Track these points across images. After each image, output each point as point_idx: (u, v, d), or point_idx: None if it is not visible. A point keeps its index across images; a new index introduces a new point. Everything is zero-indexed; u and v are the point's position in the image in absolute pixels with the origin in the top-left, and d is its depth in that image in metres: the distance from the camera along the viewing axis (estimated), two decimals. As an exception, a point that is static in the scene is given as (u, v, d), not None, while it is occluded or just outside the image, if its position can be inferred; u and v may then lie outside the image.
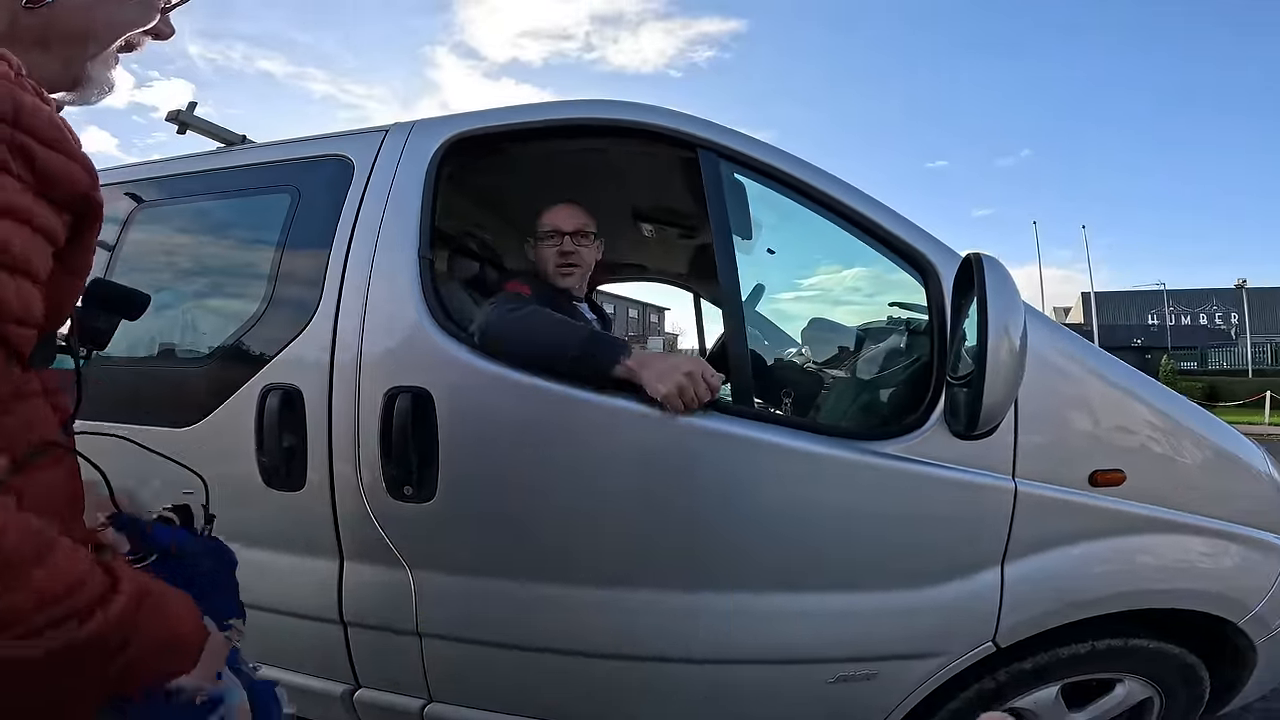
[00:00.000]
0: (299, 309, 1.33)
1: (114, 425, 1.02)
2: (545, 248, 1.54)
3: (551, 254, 1.53)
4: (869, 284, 1.93)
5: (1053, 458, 1.24)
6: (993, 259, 1.07)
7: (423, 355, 1.22)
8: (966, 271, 1.15)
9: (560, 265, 1.53)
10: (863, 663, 1.24)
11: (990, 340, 1.01)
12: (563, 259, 1.52)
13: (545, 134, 1.38)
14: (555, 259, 1.53)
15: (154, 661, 0.55)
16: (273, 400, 1.29)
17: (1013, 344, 1.02)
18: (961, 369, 1.20)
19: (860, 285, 1.97)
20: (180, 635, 0.58)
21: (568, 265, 1.53)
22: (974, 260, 1.07)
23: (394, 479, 1.22)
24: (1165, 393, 1.36)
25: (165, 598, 0.58)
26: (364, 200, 1.34)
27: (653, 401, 1.14)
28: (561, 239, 1.52)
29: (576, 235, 1.53)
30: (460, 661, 1.32)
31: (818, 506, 1.21)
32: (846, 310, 1.92)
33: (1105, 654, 1.31)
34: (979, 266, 1.05)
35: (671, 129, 1.32)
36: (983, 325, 1.02)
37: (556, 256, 1.53)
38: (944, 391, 1.22)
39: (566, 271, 1.53)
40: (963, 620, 1.24)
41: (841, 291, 1.93)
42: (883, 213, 1.30)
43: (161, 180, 1.57)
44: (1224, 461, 1.38)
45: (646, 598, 1.24)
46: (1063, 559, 1.24)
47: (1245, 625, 1.33)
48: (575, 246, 1.53)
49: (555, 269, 1.53)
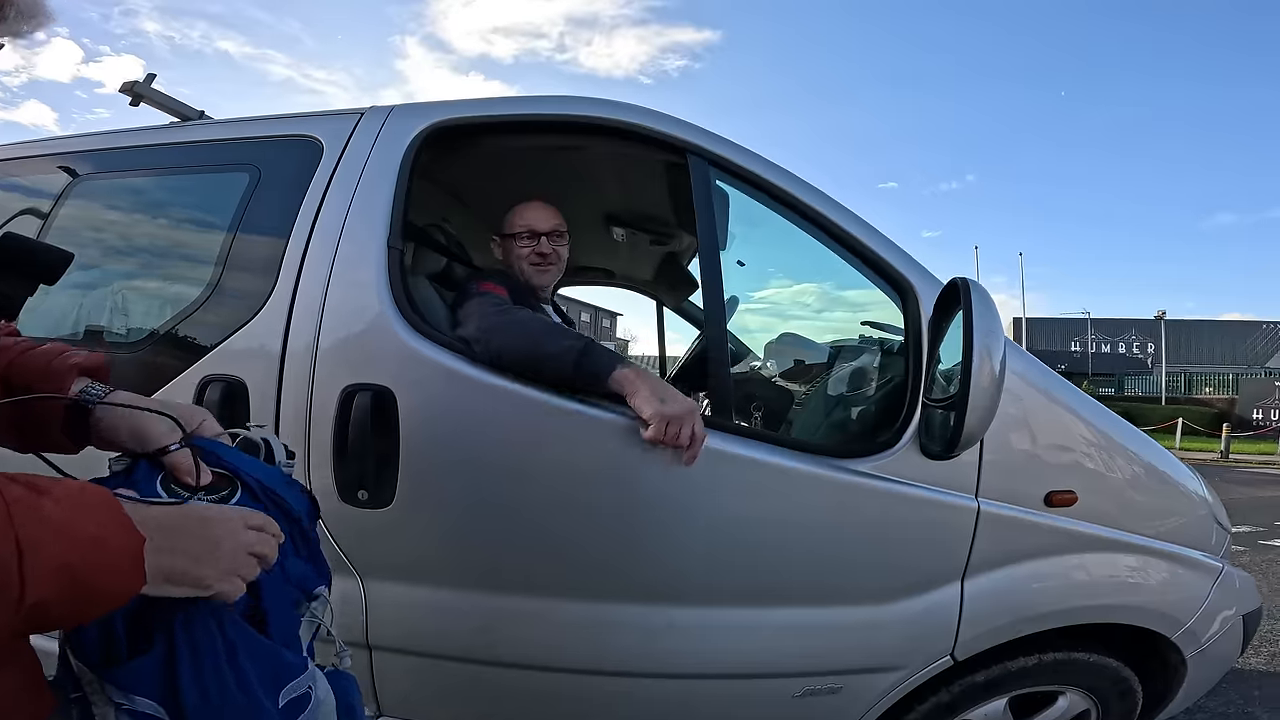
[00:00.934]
0: (249, 296, 1.22)
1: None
2: (518, 246, 1.50)
3: (525, 253, 1.49)
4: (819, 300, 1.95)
5: (1013, 478, 1.28)
6: (978, 284, 1.08)
7: (386, 351, 1.15)
8: (949, 295, 1.17)
9: (536, 264, 1.49)
10: (829, 676, 1.26)
11: (974, 364, 1.03)
12: (538, 258, 1.49)
13: (529, 128, 1.34)
14: (530, 257, 1.49)
15: (70, 581, 0.46)
16: (212, 393, 1.18)
17: (994, 368, 1.04)
18: (936, 391, 1.23)
19: (810, 300, 1.99)
20: (101, 541, 0.48)
21: (545, 264, 1.50)
22: (960, 285, 1.09)
23: (347, 482, 1.14)
24: (1114, 419, 1.42)
25: (71, 499, 0.49)
26: (331, 184, 1.25)
27: (630, 414, 1.10)
28: (538, 239, 1.49)
29: (552, 235, 1.50)
30: (414, 675, 1.25)
31: (789, 522, 1.21)
32: (815, 326, 1.93)
33: (1051, 667, 1.36)
34: (965, 291, 1.06)
35: (663, 132, 1.29)
36: (967, 349, 1.04)
37: (532, 255, 1.49)
38: (918, 412, 1.23)
39: (543, 269, 1.51)
40: (925, 634, 1.27)
41: (810, 307, 1.94)
42: (868, 232, 1.31)
43: (105, 153, 1.43)
44: (1164, 485, 1.47)
45: (615, 611, 1.20)
46: (1018, 575, 1.28)
47: (1178, 640, 1.40)
48: (552, 247, 1.50)
49: (530, 266, 1.49)
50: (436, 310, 1.36)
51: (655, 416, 1.05)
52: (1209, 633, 1.45)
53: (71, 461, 0.67)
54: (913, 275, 1.30)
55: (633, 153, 1.44)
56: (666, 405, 1.06)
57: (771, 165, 1.30)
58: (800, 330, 1.94)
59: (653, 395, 1.07)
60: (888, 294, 1.34)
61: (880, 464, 1.21)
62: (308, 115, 1.39)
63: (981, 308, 1.05)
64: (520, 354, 1.13)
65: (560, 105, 1.31)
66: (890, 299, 1.35)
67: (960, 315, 1.20)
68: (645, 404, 1.06)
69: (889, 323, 1.56)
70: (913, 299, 1.28)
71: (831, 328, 1.86)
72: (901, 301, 1.31)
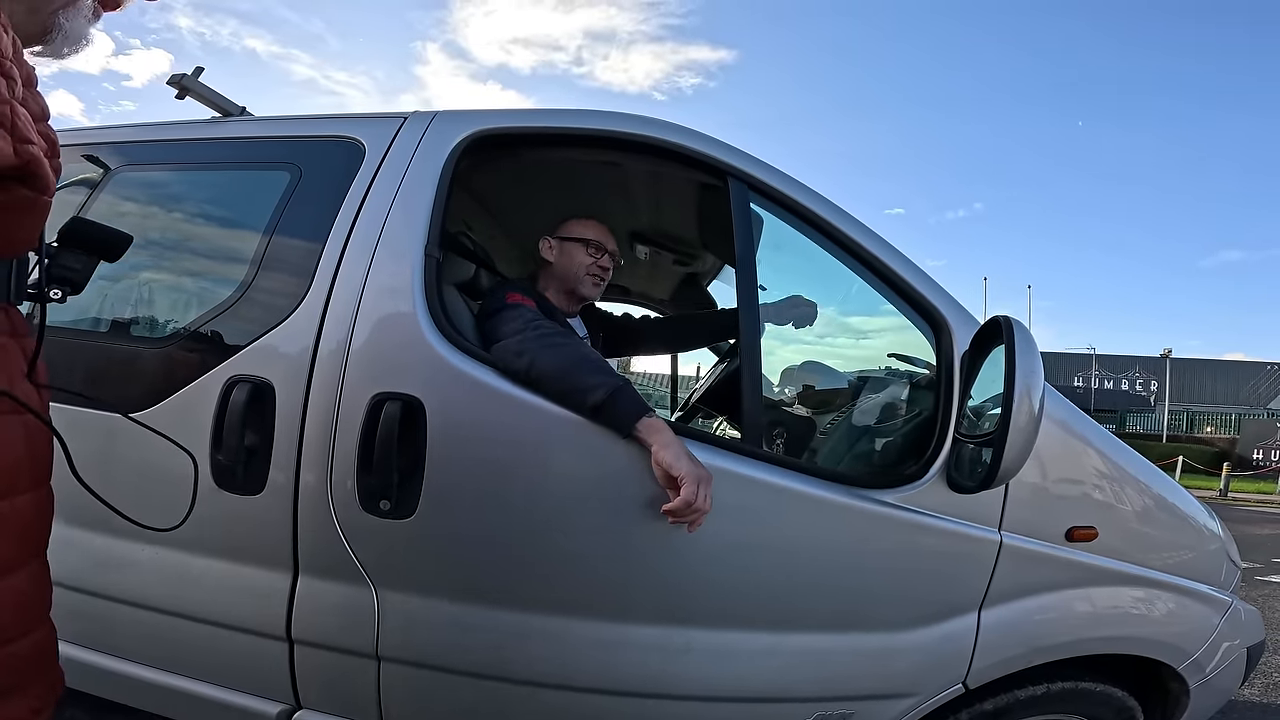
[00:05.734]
0: (282, 297, 1.21)
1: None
2: (584, 255, 1.55)
3: (589, 264, 1.55)
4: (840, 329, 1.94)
5: (1037, 513, 1.30)
6: (1020, 323, 1.08)
7: (418, 361, 1.13)
8: (987, 332, 1.17)
9: (594, 275, 1.56)
10: (841, 702, 1.26)
11: (1015, 402, 1.03)
12: (600, 271, 1.57)
13: (571, 142, 1.33)
14: (592, 268, 1.56)
15: None
16: (239, 393, 1.17)
17: (1033, 408, 1.04)
18: (964, 426, 1.23)
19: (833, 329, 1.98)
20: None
21: (601, 279, 1.58)
22: (1003, 323, 1.09)
23: (370, 491, 1.12)
24: (1133, 455, 1.45)
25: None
26: (372, 188, 1.25)
27: None
28: (603, 254, 1.56)
29: (613, 254, 1.59)
30: (422, 688, 1.22)
31: (814, 549, 1.21)
32: (838, 355, 1.93)
33: (1059, 696, 1.38)
34: (1008, 329, 1.06)
35: (704, 154, 1.28)
36: (1009, 387, 1.04)
37: (594, 267, 1.56)
38: (947, 445, 1.23)
39: (598, 284, 1.58)
40: (939, 662, 1.27)
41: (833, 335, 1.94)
42: (903, 264, 1.30)
43: (146, 145, 1.43)
44: (1180, 520, 1.49)
45: (634, 632, 1.19)
46: (1034, 606, 1.31)
47: (1184, 670, 1.42)
48: (610, 264, 1.58)
49: (589, 277, 1.56)
50: (464, 319, 1.36)
51: (690, 477, 1.02)
52: (1213, 664, 1.48)
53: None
54: (948, 310, 1.30)
55: (669, 172, 1.44)
56: (698, 466, 1.05)
57: (811, 191, 1.31)
58: (821, 358, 1.93)
59: (684, 453, 1.05)
60: (919, 327, 1.35)
61: (906, 495, 1.22)
62: (350, 117, 1.39)
63: (1024, 347, 1.06)
64: (553, 377, 1.12)
65: (604, 120, 1.31)
66: (922, 332, 1.35)
67: (994, 352, 1.20)
68: (678, 461, 1.04)
69: (911, 355, 1.57)
70: (946, 334, 1.28)
71: (855, 357, 1.85)
72: (935, 336, 1.31)
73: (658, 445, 1.06)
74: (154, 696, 1.28)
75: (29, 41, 0.67)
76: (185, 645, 1.28)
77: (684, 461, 1.04)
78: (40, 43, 0.70)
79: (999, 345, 1.17)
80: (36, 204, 0.67)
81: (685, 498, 1.02)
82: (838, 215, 1.30)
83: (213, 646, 1.26)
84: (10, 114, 0.59)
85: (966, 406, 1.24)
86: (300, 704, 1.27)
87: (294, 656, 1.23)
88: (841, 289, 1.64)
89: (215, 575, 1.23)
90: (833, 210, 1.30)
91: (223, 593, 1.23)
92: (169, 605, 1.26)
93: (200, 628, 1.25)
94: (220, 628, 1.25)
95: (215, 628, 1.25)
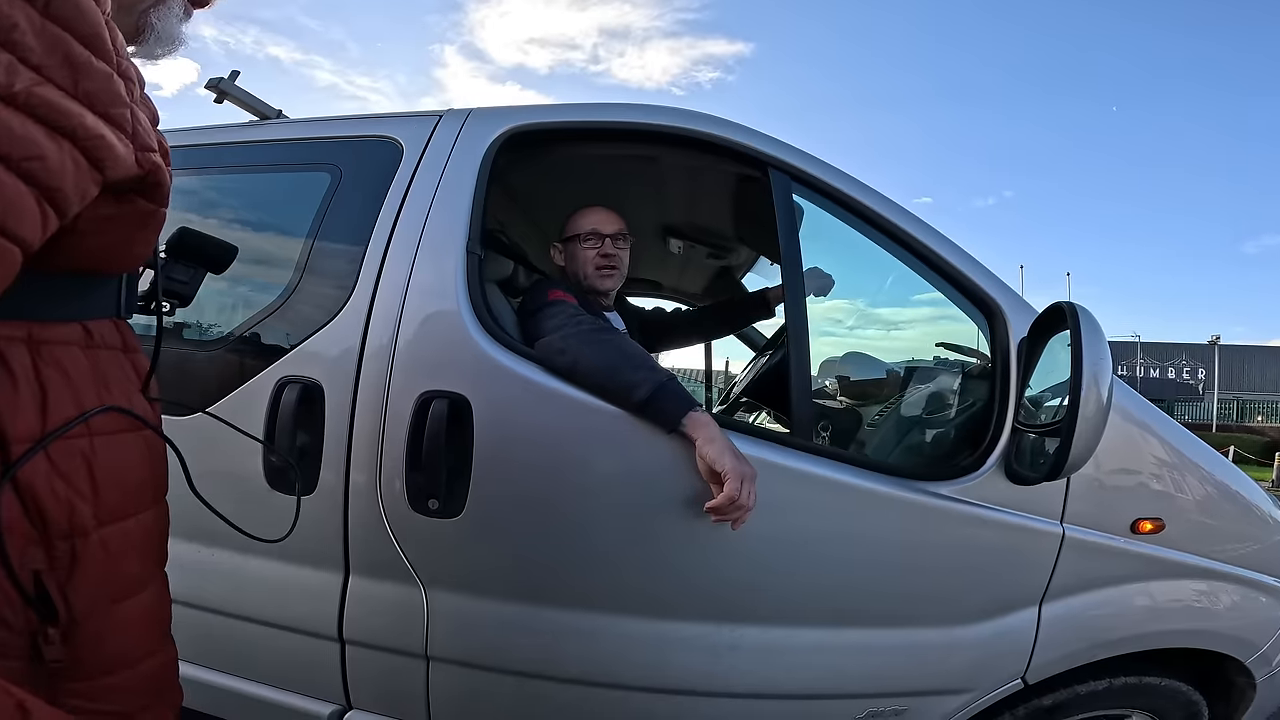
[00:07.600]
0: (328, 298, 1.22)
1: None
2: (583, 249, 1.51)
3: (591, 255, 1.51)
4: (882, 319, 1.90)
5: (1100, 504, 1.25)
6: (1086, 310, 1.04)
7: (463, 359, 1.13)
8: (1047, 319, 1.13)
9: (600, 267, 1.51)
10: (895, 698, 1.24)
11: (1083, 391, 0.98)
12: (604, 260, 1.50)
13: (608, 136, 1.32)
14: (596, 260, 1.50)
15: None
16: (289, 394, 1.18)
17: (1101, 396, 1.00)
18: (1024, 415, 1.18)
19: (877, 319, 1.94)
20: None
21: (609, 268, 1.51)
22: (1068, 309, 1.05)
23: (418, 490, 1.13)
24: (1199, 444, 1.39)
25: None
26: (411, 187, 1.25)
27: None
28: (602, 241, 1.50)
29: (616, 238, 1.52)
30: (470, 688, 1.22)
31: (867, 543, 1.18)
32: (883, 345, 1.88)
33: (1121, 691, 1.34)
34: (1074, 316, 1.02)
35: (745, 145, 1.26)
36: (1076, 375, 0.99)
37: (597, 259, 1.50)
38: (1005, 436, 1.19)
39: (607, 274, 1.51)
40: (997, 657, 1.25)
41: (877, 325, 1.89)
42: (953, 251, 1.26)
43: (185, 149, 1.45)
44: (1246, 511, 1.44)
45: (682, 629, 1.17)
46: (1097, 600, 1.27)
47: (1251, 664, 1.39)
48: (615, 249, 1.51)
49: (595, 270, 1.51)
50: (505, 316, 1.35)
51: (733, 473, 1.00)
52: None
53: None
54: (1001, 297, 1.25)
55: (707, 165, 1.42)
56: (743, 463, 1.02)
57: (854, 180, 1.27)
58: (865, 349, 1.89)
59: (729, 448, 1.03)
60: (971, 315, 1.31)
61: (963, 487, 1.18)
62: (387, 116, 1.40)
63: (1090, 333, 1.01)
64: (597, 373, 1.10)
65: (641, 114, 1.29)
66: (973, 319, 1.31)
67: (1053, 340, 1.16)
68: (721, 456, 1.01)
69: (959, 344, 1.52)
70: (1000, 321, 1.24)
71: (901, 347, 1.81)
72: (989, 324, 1.26)
73: (702, 440, 1.04)
74: (207, 696, 1.30)
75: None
76: (240, 646, 1.29)
77: (728, 457, 1.01)
78: (133, 43, 0.68)
79: (1058, 332, 1.12)
80: (155, 216, 0.64)
81: (729, 494, 1.00)
82: (883, 204, 1.26)
83: (267, 646, 1.28)
84: (131, 118, 0.56)
85: (1024, 395, 1.20)
86: (351, 704, 1.28)
87: (345, 656, 1.24)
88: (881, 278, 1.61)
89: (270, 576, 1.24)
90: (878, 199, 1.26)
91: (277, 593, 1.25)
92: (225, 607, 1.28)
93: (254, 628, 1.26)
94: (274, 628, 1.26)
95: (269, 628, 1.26)
